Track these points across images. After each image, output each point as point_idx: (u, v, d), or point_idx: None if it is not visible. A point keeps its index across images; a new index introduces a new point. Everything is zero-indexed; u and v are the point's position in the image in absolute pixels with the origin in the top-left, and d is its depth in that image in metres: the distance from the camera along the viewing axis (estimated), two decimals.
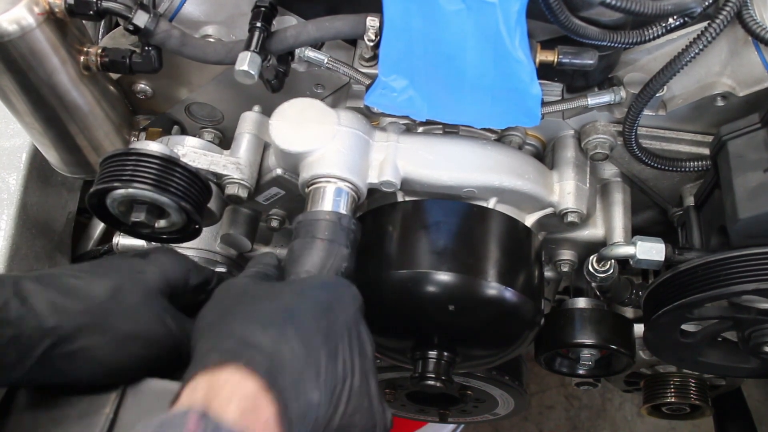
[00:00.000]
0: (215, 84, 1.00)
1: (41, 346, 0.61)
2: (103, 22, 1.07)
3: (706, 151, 0.95)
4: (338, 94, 0.99)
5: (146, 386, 0.66)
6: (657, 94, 0.87)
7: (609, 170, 1.05)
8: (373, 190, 0.90)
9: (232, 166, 0.91)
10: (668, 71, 0.83)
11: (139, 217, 0.83)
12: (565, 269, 1.07)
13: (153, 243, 1.03)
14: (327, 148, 0.86)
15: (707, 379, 1.34)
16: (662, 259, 0.89)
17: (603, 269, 0.97)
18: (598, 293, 1.07)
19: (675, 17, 0.78)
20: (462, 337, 0.91)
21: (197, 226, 0.87)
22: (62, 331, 0.62)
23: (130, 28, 0.85)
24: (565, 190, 0.95)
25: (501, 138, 0.98)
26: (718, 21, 0.79)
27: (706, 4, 0.78)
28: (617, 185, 1.04)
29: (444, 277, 0.85)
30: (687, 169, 0.96)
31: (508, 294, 0.87)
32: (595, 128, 0.96)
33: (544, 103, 0.89)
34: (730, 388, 1.41)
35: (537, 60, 0.80)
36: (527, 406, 1.40)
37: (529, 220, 0.95)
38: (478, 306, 0.87)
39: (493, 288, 0.86)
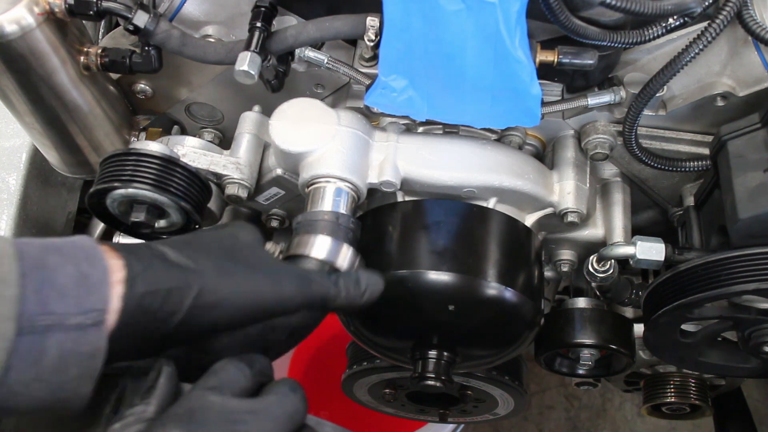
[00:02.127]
0: (215, 84, 1.00)
1: (189, 296, 0.60)
2: (103, 22, 1.07)
3: (706, 151, 0.95)
4: (338, 94, 0.99)
5: None
6: (657, 94, 0.87)
7: (609, 170, 1.05)
8: (373, 190, 0.90)
9: (232, 166, 0.91)
10: (668, 71, 0.83)
11: (139, 217, 0.83)
12: (565, 269, 1.07)
13: None
14: (327, 148, 0.86)
15: (707, 379, 1.34)
16: (662, 259, 0.89)
17: (603, 269, 0.97)
18: (598, 293, 1.07)
19: (675, 17, 0.78)
20: (462, 337, 0.91)
21: (197, 226, 0.87)
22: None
23: (130, 28, 0.85)
24: (565, 190, 0.95)
25: (501, 138, 0.98)
26: (718, 21, 0.79)
27: (706, 4, 0.78)
28: (617, 185, 1.04)
29: (444, 277, 0.85)
30: (687, 169, 0.96)
31: (508, 294, 0.87)
32: (595, 128, 0.96)
33: (544, 103, 0.89)
34: (730, 388, 1.41)
35: (537, 60, 0.80)
36: (527, 406, 1.40)
37: (529, 220, 0.95)
38: (478, 306, 0.87)
39: (493, 288, 0.86)
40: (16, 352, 0.51)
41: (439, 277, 0.85)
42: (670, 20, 0.79)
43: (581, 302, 1.09)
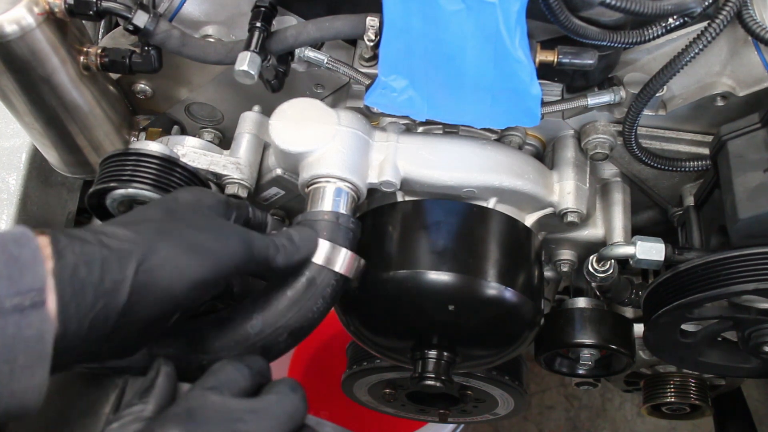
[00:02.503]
0: (215, 84, 1.00)
1: (131, 262, 0.57)
2: (103, 22, 1.07)
3: (706, 151, 0.95)
4: (338, 94, 0.99)
5: None
6: (657, 94, 0.87)
7: (609, 170, 1.05)
8: (373, 190, 0.90)
9: (232, 166, 0.91)
10: (668, 71, 0.83)
11: None
12: (565, 269, 1.07)
13: None
14: (327, 148, 0.86)
15: (707, 379, 1.34)
16: (662, 259, 0.89)
17: (603, 269, 0.97)
18: (598, 293, 1.07)
19: (675, 17, 0.78)
20: (462, 337, 0.91)
21: None
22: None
23: (130, 28, 0.85)
24: (564, 190, 0.95)
25: (501, 138, 0.98)
26: (718, 21, 0.79)
27: (706, 4, 0.78)
28: (617, 185, 1.04)
29: (444, 277, 0.85)
30: (687, 169, 0.96)
31: (508, 294, 0.87)
32: (595, 128, 0.96)
33: (544, 103, 0.89)
34: (730, 388, 1.41)
35: (537, 60, 0.80)
36: (527, 406, 1.40)
37: (529, 220, 0.95)
38: (478, 306, 0.87)
39: (493, 288, 0.86)
40: None
41: (439, 277, 0.85)
42: (670, 20, 0.79)
43: (581, 302, 1.09)
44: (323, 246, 0.79)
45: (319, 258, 0.78)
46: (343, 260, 0.79)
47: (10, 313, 0.50)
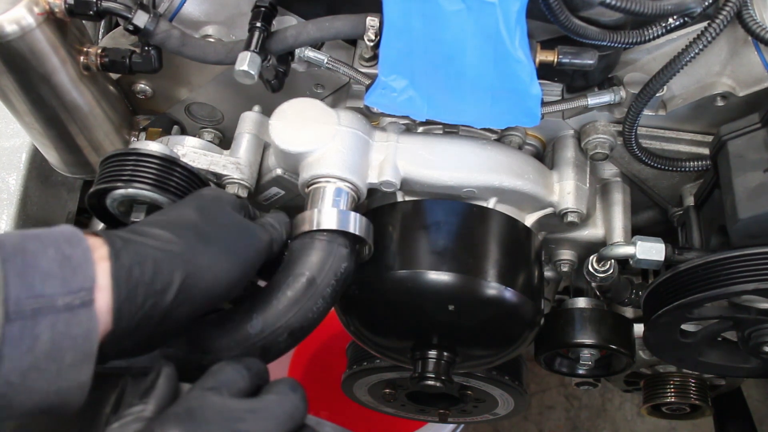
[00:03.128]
0: (215, 84, 1.00)
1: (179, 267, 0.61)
2: (103, 22, 1.07)
3: (706, 151, 0.95)
4: (338, 94, 0.99)
5: None
6: (657, 94, 0.87)
7: (609, 170, 1.05)
8: (373, 190, 0.90)
9: (232, 166, 0.91)
10: (668, 71, 0.83)
11: (139, 217, 0.83)
12: (565, 269, 1.07)
13: None
14: (327, 148, 0.86)
15: (707, 379, 1.34)
16: (662, 259, 0.89)
17: (603, 269, 0.97)
18: (598, 293, 1.07)
19: (675, 17, 0.78)
20: (462, 337, 0.91)
21: None
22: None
23: (130, 28, 0.85)
24: (564, 190, 0.95)
25: (501, 138, 0.98)
26: (718, 21, 0.79)
27: (706, 4, 0.78)
28: (617, 185, 1.04)
29: (444, 277, 0.85)
30: (687, 169, 0.96)
31: (508, 294, 0.87)
32: (595, 128, 0.96)
33: (544, 103, 0.88)
34: (730, 388, 1.41)
35: (537, 60, 0.80)
36: (527, 406, 1.40)
37: (529, 220, 0.95)
38: (478, 306, 0.87)
39: (493, 288, 0.86)
40: (7, 340, 0.49)
41: (439, 277, 0.85)
42: (670, 20, 0.79)
43: (581, 302, 1.09)
44: (331, 213, 0.80)
45: (331, 223, 0.79)
46: (354, 223, 0.81)
47: (62, 311, 0.52)
